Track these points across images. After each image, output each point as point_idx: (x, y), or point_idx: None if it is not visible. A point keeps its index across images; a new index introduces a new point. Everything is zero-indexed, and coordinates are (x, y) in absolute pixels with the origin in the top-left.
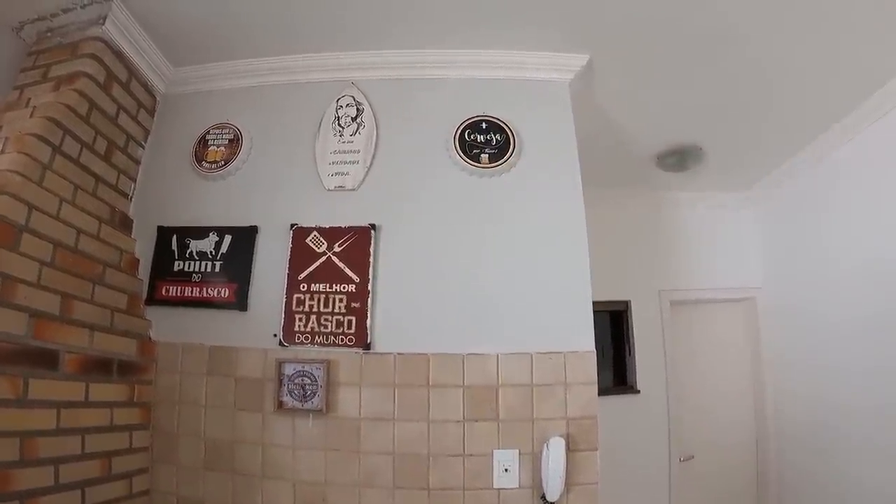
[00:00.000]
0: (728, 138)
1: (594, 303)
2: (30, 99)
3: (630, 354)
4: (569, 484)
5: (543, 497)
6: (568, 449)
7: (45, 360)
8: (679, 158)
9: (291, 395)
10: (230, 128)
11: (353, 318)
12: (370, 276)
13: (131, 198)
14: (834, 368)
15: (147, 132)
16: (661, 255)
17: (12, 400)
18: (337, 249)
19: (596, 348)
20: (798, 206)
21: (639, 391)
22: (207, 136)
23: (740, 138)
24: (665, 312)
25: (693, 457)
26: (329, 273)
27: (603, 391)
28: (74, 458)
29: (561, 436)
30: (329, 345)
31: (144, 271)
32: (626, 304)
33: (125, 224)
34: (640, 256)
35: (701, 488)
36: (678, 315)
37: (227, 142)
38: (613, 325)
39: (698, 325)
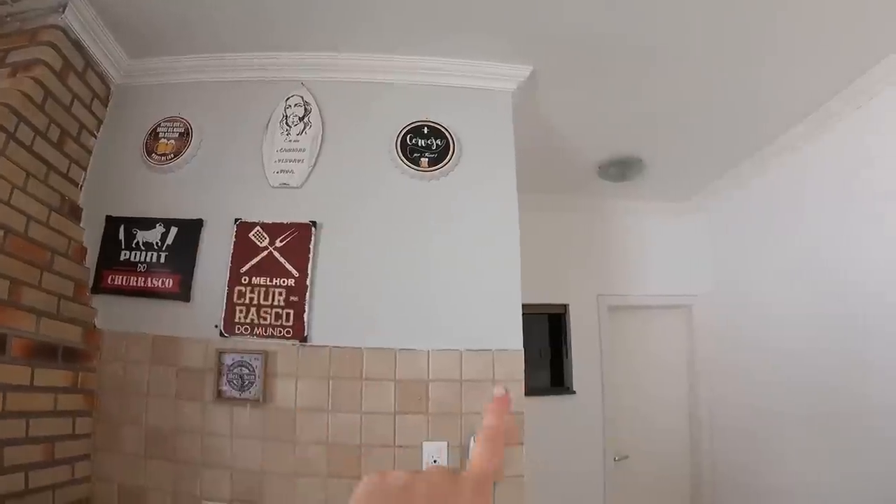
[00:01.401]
0: (669, 151)
1: (533, 305)
2: None
3: (567, 356)
4: None
5: None
6: None
7: None
8: (620, 169)
9: (230, 385)
10: (181, 121)
11: (292, 312)
12: (309, 272)
13: (81, 186)
14: (766, 380)
15: (100, 122)
16: (601, 261)
17: None
18: (279, 244)
19: (534, 350)
20: (735, 218)
21: (575, 392)
22: (158, 129)
23: (681, 151)
24: (603, 317)
25: (628, 457)
26: (270, 267)
27: (541, 391)
28: (19, 442)
29: None
30: (268, 336)
31: (92, 260)
32: (565, 307)
33: (74, 212)
34: (581, 262)
35: (636, 487)
36: (617, 320)
37: (177, 135)
38: (552, 327)
39: (636, 330)
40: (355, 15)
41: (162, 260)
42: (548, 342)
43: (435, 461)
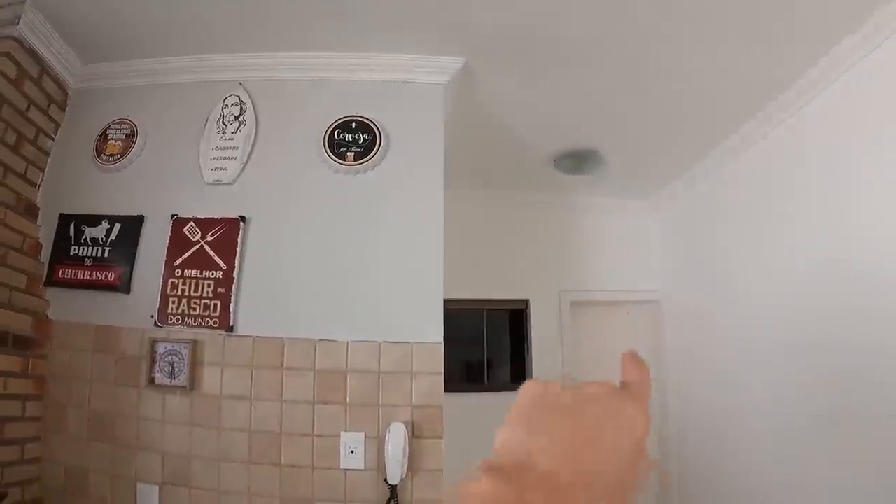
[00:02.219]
0: (628, 144)
1: (494, 301)
2: None
3: (528, 352)
4: (413, 469)
5: (386, 479)
6: (412, 435)
7: None
8: (576, 162)
9: (162, 372)
10: (128, 123)
11: (219, 303)
12: (236, 264)
13: (39, 186)
14: (736, 378)
15: (57, 125)
16: (563, 257)
17: None
18: (209, 238)
19: (495, 345)
20: (700, 211)
21: None
22: (108, 130)
23: (638, 145)
24: (564, 312)
25: None
26: (201, 260)
27: (500, 387)
28: None
29: (403, 422)
30: (196, 326)
31: (46, 255)
32: (526, 302)
33: (31, 211)
34: (541, 257)
35: None
36: (580, 316)
37: (124, 136)
38: (512, 323)
39: (601, 326)
40: (292, 15)
41: (106, 255)
42: (508, 338)
43: (352, 452)
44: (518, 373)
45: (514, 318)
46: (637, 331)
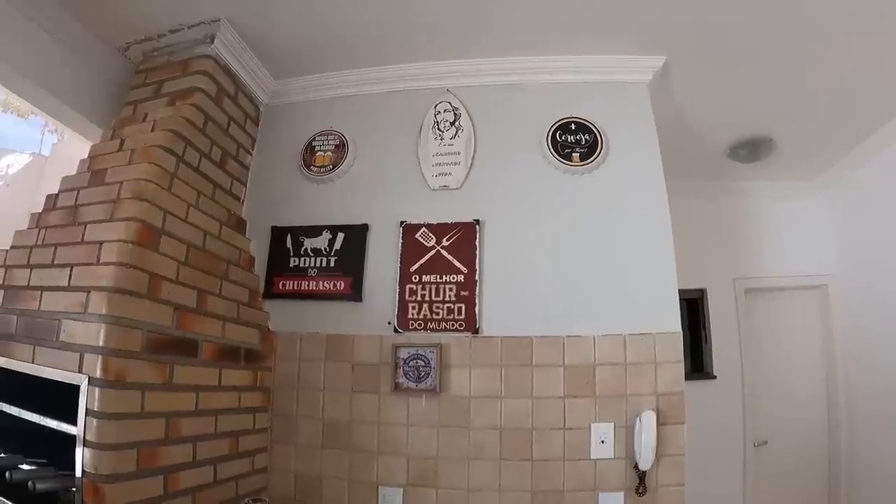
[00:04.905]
0: (799, 128)
1: None
2: (147, 114)
3: (706, 341)
4: (659, 455)
5: (636, 466)
6: (658, 422)
7: (187, 349)
8: (751, 150)
9: (407, 377)
10: (335, 134)
11: (463, 306)
12: (477, 267)
13: (243, 201)
14: None
15: (254, 140)
16: (735, 244)
17: (160, 384)
18: (445, 243)
19: None
20: (871, 191)
21: (715, 377)
22: (314, 143)
23: (811, 127)
24: (740, 300)
25: (766, 442)
26: (438, 265)
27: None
28: (209, 437)
29: (652, 409)
30: (441, 330)
31: (260, 268)
32: (702, 291)
33: (240, 226)
34: (715, 245)
35: (775, 473)
36: (752, 302)
37: (333, 147)
38: (690, 312)
39: (772, 312)
40: (492, 22)
41: (332, 264)
42: (686, 327)
43: (602, 442)
44: (696, 362)
45: (691, 308)
46: (806, 316)
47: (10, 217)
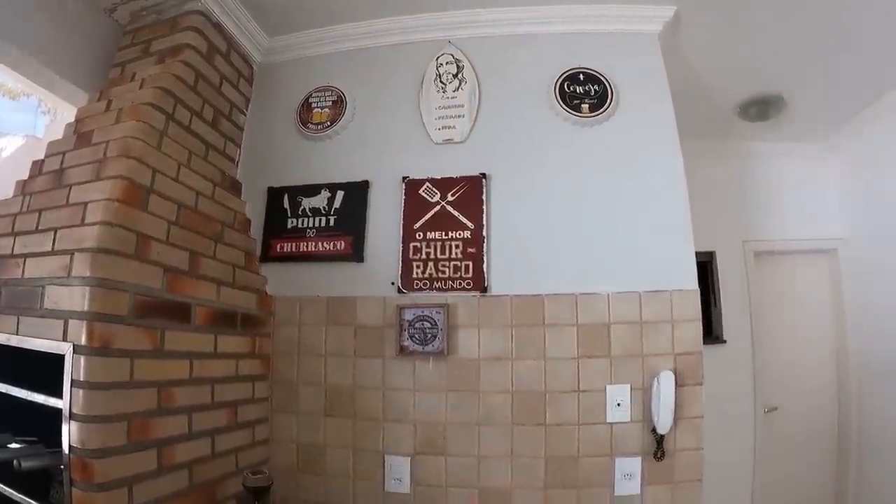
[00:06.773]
0: (809, 86)
1: None
2: (135, 73)
3: (716, 305)
4: (676, 417)
5: (654, 430)
6: (676, 384)
7: (179, 313)
8: (761, 108)
9: (412, 340)
10: (333, 90)
11: (470, 263)
12: (484, 223)
13: (237, 162)
14: None
15: (248, 100)
16: (744, 206)
17: (150, 351)
18: (450, 198)
19: None
20: (884, 153)
21: (725, 341)
22: (310, 99)
23: (822, 86)
24: (749, 263)
25: (777, 408)
26: (444, 221)
27: None
28: (205, 408)
29: (670, 370)
30: (447, 290)
31: (256, 230)
32: (711, 254)
33: (235, 187)
34: (723, 207)
35: (785, 439)
36: (762, 266)
37: (330, 103)
38: (699, 275)
39: (782, 275)
40: None
41: (331, 224)
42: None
43: (618, 405)
44: (706, 326)
45: (701, 271)
46: (816, 281)
47: (4, 198)
